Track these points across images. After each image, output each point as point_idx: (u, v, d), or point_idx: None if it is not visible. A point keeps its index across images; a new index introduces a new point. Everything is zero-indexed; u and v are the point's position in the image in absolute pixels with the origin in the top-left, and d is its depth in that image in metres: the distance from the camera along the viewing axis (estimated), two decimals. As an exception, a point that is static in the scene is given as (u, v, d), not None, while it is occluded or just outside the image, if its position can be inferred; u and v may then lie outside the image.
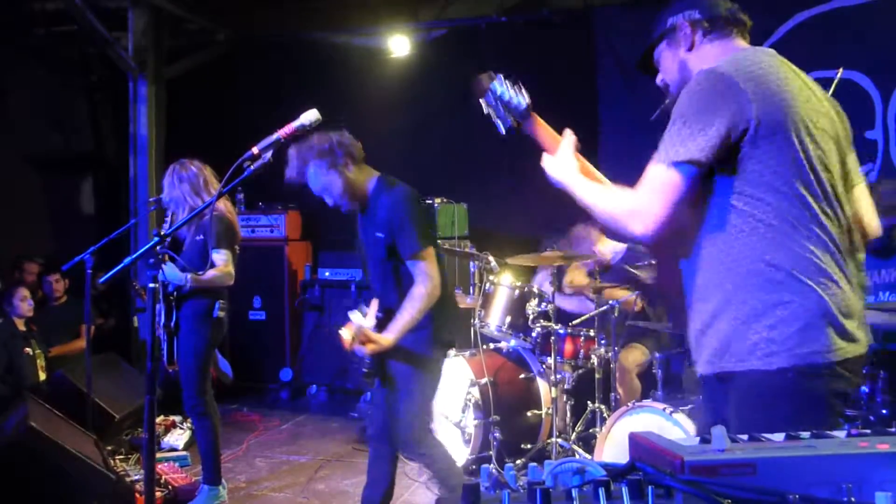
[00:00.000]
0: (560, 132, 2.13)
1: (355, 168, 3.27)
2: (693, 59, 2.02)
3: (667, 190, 1.81)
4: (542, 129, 2.20)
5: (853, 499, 1.17)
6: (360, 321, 3.25)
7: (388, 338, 3.16)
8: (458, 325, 3.71)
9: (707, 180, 1.85)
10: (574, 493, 1.12)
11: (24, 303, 5.77)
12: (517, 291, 4.69)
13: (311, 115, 2.37)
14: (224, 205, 4.24)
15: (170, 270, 3.97)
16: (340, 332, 3.30)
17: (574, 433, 4.59)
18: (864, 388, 3.80)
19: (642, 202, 1.83)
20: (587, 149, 2.18)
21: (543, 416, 4.60)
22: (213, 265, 4.10)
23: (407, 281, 3.23)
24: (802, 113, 1.83)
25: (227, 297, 4.28)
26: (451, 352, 4.56)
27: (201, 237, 4.17)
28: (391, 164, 3.56)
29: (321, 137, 3.21)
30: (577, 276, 5.08)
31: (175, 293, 4.14)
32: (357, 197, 3.31)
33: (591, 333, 4.64)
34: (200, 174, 4.23)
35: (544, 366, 4.72)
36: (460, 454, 4.58)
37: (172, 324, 4.13)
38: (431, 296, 3.17)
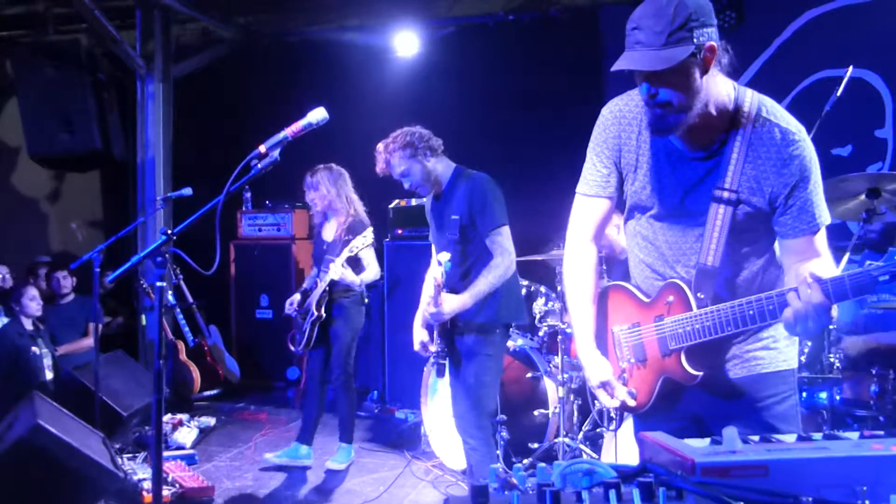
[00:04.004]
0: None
1: (434, 158, 3.62)
2: (705, 86, 1.90)
3: None
4: None
5: (867, 501, 1.16)
6: (439, 272, 3.39)
7: (464, 297, 3.41)
8: (521, 309, 3.82)
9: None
10: (584, 494, 1.11)
11: (33, 303, 5.78)
12: (524, 290, 4.68)
13: (318, 114, 2.37)
14: (354, 197, 4.90)
15: (349, 274, 4.64)
16: (432, 276, 3.45)
17: (581, 433, 4.57)
18: (874, 388, 3.77)
19: None
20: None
21: (550, 415, 4.59)
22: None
23: (478, 264, 3.51)
24: None
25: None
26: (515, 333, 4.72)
27: (350, 237, 4.70)
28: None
29: (404, 132, 3.60)
30: None
31: (329, 286, 4.80)
32: (434, 184, 3.66)
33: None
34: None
35: (551, 365, 4.71)
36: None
37: (324, 313, 4.82)
38: (509, 268, 3.49)
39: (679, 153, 2.05)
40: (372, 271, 4.85)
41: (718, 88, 1.95)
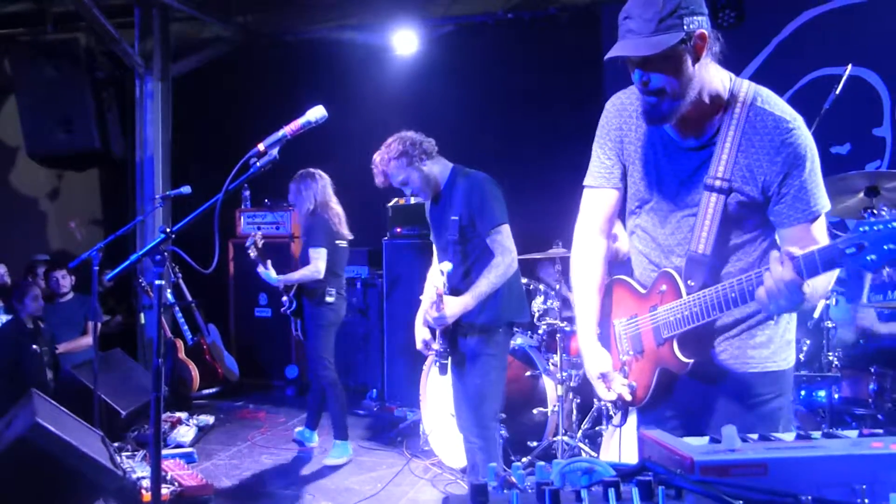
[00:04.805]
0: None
1: (430, 162, 3.60)
2: (698, 73, 1.92)
3: None
4: None
5: (867, 500, 1.15)
6: (440, 281, 3.38)
7: (465, 298, 3.38)
8: (523, 307, 3.79)
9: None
10: (584, 493, 1.11)
11: (35, 302, 5.78)
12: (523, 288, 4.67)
13: (317, 112, 2.36)
14: (326, 199, 4.99)
15: (266, 274, 4.99)
16: (434, 285, 3.42)
17: (580, 431, 4.58)
18: (873, 387, 3.77)
19: None
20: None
21: (549, 413, 4.59)
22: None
23: (478, 264, 3.48)
24: None
25: (338, 283, 5.06)
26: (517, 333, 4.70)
27: (305, 238, 4.99)
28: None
29: (397, 140, 3.59)
30: None
31: (298, 285, 5.10)
32: (432, 187, 3.63)
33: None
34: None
35: (550, 363, 4.71)
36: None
37: (294, 307, 5.13)
38: (510, 267, 3.46)
39: (675, 144, 2.06)
40: (300, 272, 4.95)
41: (711, 77, 1.95)
